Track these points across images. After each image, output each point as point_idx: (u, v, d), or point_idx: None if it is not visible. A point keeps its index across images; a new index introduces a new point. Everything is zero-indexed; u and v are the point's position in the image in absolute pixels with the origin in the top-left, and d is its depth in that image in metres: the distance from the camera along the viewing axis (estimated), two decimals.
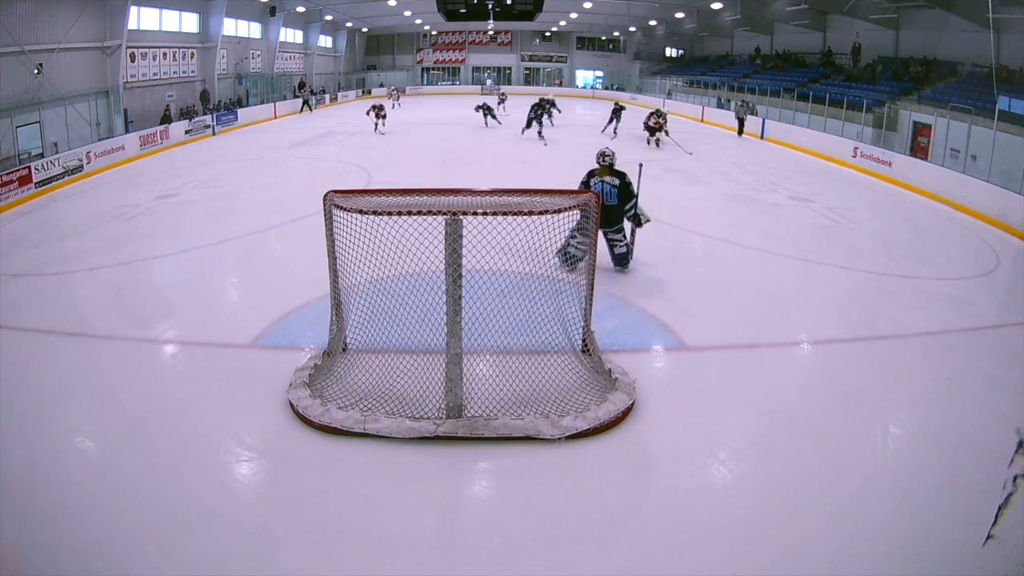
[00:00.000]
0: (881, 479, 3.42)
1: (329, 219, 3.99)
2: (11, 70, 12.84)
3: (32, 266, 6.86)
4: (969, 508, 2.92)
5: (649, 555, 2.88)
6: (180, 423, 3.83)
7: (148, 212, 9.22)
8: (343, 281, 4.11)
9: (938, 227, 9.17)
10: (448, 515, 3.26)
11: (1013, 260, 7.60)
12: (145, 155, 14.88)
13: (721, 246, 7.47)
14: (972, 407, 4.15)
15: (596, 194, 4.44)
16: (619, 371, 4.22)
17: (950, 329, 5.38)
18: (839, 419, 3.99)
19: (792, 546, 2.91)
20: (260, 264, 7.03)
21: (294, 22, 27.92)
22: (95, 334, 5.11)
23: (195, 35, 20.37)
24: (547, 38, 38.12)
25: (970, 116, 11.82)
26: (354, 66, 36.67)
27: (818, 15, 22.05)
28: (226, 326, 5.18)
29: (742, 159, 14.41)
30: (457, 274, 3.58)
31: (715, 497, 3.28)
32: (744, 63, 27.02)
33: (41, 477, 3.33)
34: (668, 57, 34.52)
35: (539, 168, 12.06)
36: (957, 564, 2.71)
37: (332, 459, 3.50)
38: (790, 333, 5.28)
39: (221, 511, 3.10)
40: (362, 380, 4.05)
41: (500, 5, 26.55)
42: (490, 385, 3.93)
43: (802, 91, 18.69)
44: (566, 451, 3.56)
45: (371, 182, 10.95)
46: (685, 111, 24.46)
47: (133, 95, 17.11)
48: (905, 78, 17.61)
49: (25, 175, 10.78)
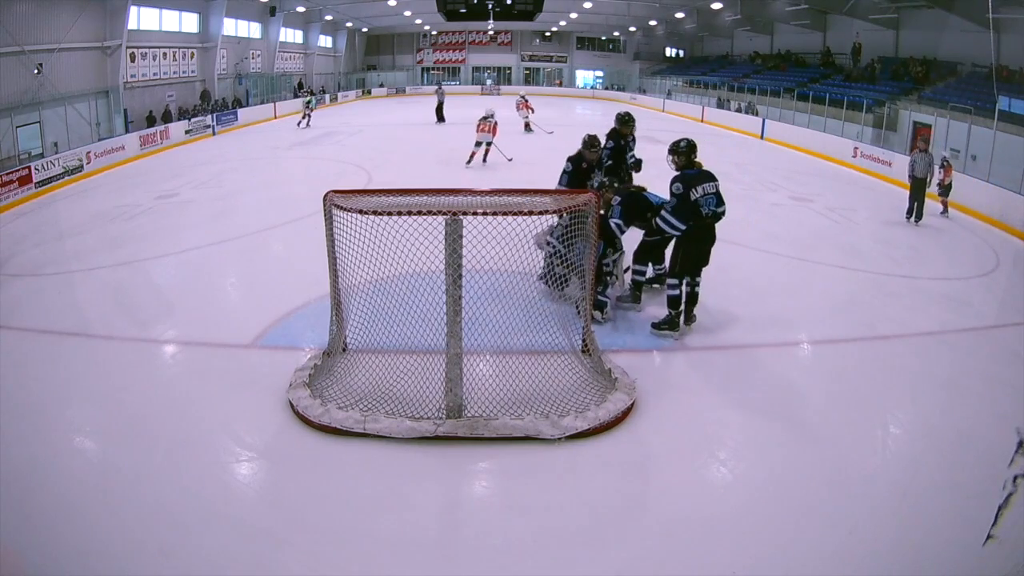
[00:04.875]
0: (881, 479, 3.42)
1: (329, 219, 3.99)
2: (11, 70, 12.85)
3: (32, 266, 6.86)
4: (969, 508, 2.92)
5: (649, 555, 2.87)
6: (180, 423, 3.83)
7: (148, 212, 9.22)
8: (343, 281, 4.11)
9: (938, 227, 9.17)
10: (448, 515, 3.26)
11: (1013, 260, 7.60)
12: (145, 155, 14.86)
13: (721, 246, 7.43)
14: (972, 407, 4.15)
15: (596, 194, 4.43)
16: (619, 371, 4.22)
17: (950, 329, 5.38)
18: (839, 419, 3.99)
19: (792, 546, 2.91)
20: (260, 264, 7.03)
21: (294, 22, 27.93)
22: (95, 334, 5.10)
23: (195, 35, 20.38)
24: (547, 38, 38.11)
25: (970, 116, 11.83)
26: (354, 66, 36.67)
27: (818, 15, 22.07)
28: (226, 326, 5.17)
29: (742, 159, 14.41)
30: (457, 274, 3.58)
31: (715, 497, 3.28)
32: (744, 63, 27.04)
33: (41, 477, 3.33)
34: (668, 57, 34.54)
35: (539, 168, 12.06)
36: (957, 564, 2.71)
37: (332, 459, 3.50)
38: (790, 333, 5.27)
39: (221, 511, 3.09)
40: (362, 380, 4.05)
41: (500, 5, 26.54)
42: (490, 385, 3.92)
43: (802, 91, 18.70)
44: (566, 451, 3.55)
45: (371, 182, 10.95)
46: (685, 111, 24.47)
47: (133, 95, 17.12)
48: (905, 78, 17.63)
49: (25, 175, 10.78)
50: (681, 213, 4.73)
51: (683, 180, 4.76)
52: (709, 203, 4.75)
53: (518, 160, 12.72)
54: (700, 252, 4.95)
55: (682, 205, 4.71)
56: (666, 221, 4.80)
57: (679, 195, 4.71)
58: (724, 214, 4.88)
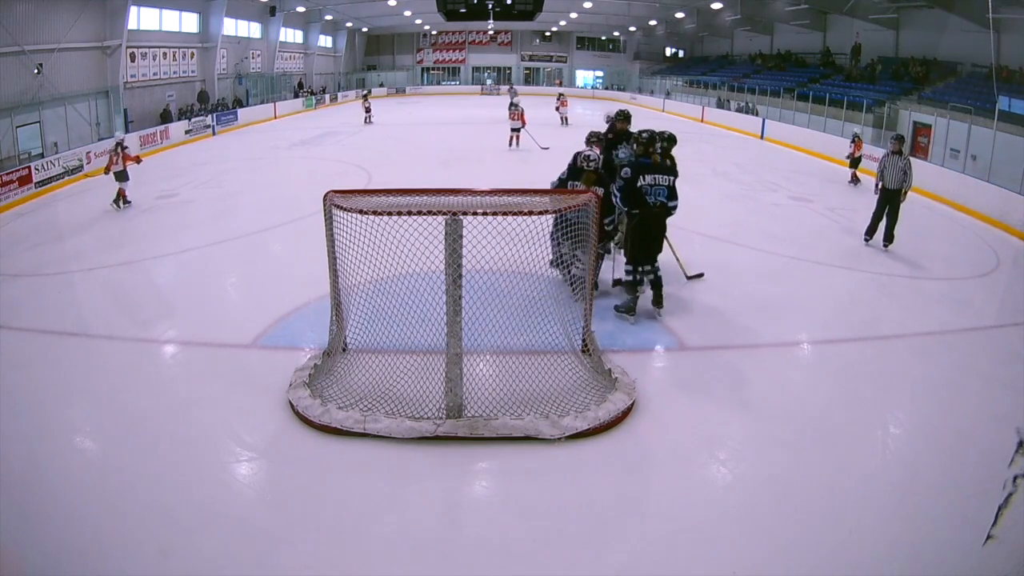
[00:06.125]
0: (881, 479, 3.42)
1: (329, 219, 3.99)
2: (11, 70, 12.84)
3: (32, 266, 6.86)
4: (969, 508, 2.92)
5: (649, 555, 2.87)
6: (180, 423, 3.83)
7: (148, 212, 9.23)
8: (343, 281, 4.11)
9: (938, 227, 9.17)
10: (448, 515, 3.26)
11: (1013, 260, 7.59)
12: (145, 155, 14.84)
13: (721, 246, 7.46)
14: (972, 407, 4.15)
15: (596, 194, 4.43)
16: (619, 371, 4.22)
17: (950, 329, 5.38)
18: (839, 419, 3.99)
19: (792, 546, 2.91)
20: (260, 264, 7.03)
21: (294, 22, 27.92)
22: (95, 334, 5.10)
23: (195, 35, 20.37)
24: (547, 38, 38.11)
25: (970, 116, 11.82)
26: (354, 66, 36.67)
27: (818, 15, 22.07)
28: (226, 326, 5.18)
29: (742, 159, 14.41)
30: (457, 274, 3.58)
31: (715, 497, 3.28)
32: (744, 63, 27.03)
33: (41, 477, 3.33)
34: (668, 57, 34.54)
35: (540, 168, 12.06)
36: (957, 564, 2.71)
37: (332, 459, 3.50)
38: (790, 333, 5.27)
39: (221, 511, 3.09)
40: (362, 380, 4.05)
41: (500, 5, 26.50)
42: (490, 385, 3.93)
43: (802, 91, 18.70)
44: (566, 451, 3.56)
45: (371, 182, 10.95)
46: (685, 111, 24.46)
47: (133, 95, 17.11)
48: (905, 78, 17.63)
49: (25, 175, 10.77)
50: (627, 196, 5.19)
51: (632, 166, 5.28)
52: (659, 193, 5.16)
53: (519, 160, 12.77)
54: (649, 239, 5.26)
55: (628, 188, 5.18)
56: (615, 196, 5.33)
57: (625, 179, 5.20)
58: (675, 209, 5.31)
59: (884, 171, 7.37)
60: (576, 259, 4.89)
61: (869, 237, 7.63)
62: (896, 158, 7.29)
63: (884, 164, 7.42)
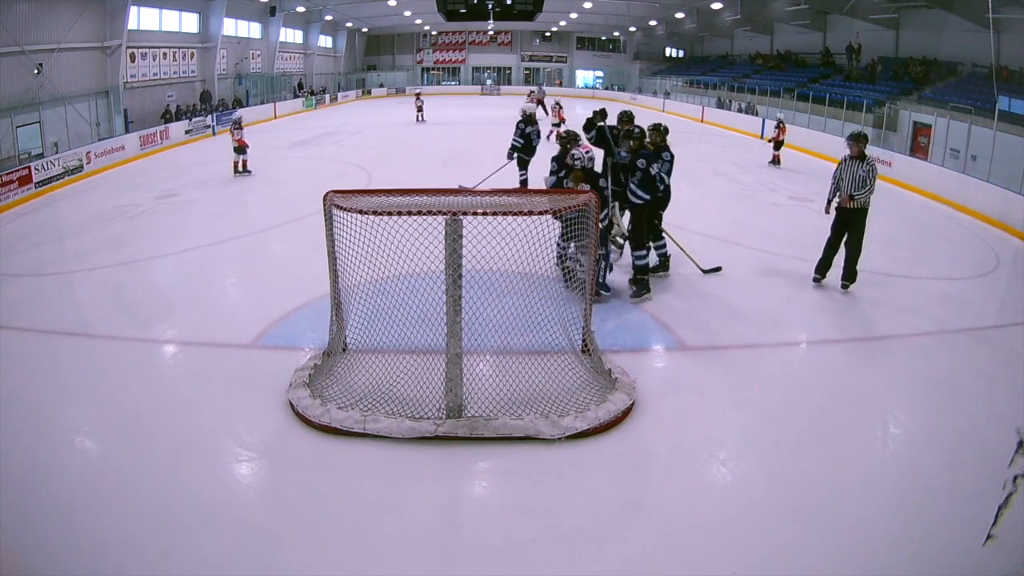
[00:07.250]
0: (881, 479, 3.42)
1: (329, 219, 3.99)
2: (11, 70, 12.85)
3: (32, 266, 6.86)
4: (969, 508, 2.93)
5: (649, 555, 2.87)
6: (180, 423, 3.83)
7: (148, 212, 9.23)
8: (343, 281, 4.11)
9: (938, 227, 9.17)
10: (448, 515, 3.26)
11: (1013, 260, 7.59)
12: (145, 155, 14.87)
13: (721, 246, 7.46)
14: (972, 407, 4.15)
15: (596, 194, 4.43)
16: (619, 371, 4.22)
17: (950, 329, 5.38)
18: (839, 419, 3.99)
19: (792, 546, 2.91)
20: (260, 264, 7.03)
21: (294, 22, 27.92)
22: (95, 334, 5.10)
23: (195, 35, 20.37)
24: (547, 38, 38.10)
25: (970, 116, 11.82)
26: (354, 66, 36.66)
27: (818, 15, 22.06)
28: (226, 326, 5.18)
29: (742, 159, 14.41)
30: (457, 274, 3.58)
31: (715, 497, 3.28)
32: (744, 63, 27.03)
33: (41, 477, 3.33)
34: (668, 57, 34.53)
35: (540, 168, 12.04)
36: (957, 564, 2.71)
37: (332, 459, 3.50)
38: (790, 333, 5.28)
39: (221, 511, 3.09)
40: (362, 380, 4.05)
41: (500, 5, 26.51)
42: (490, 385, 3.93)
43: (802, 91, 18.70)
44: (566, 451, 3.55)
45: (371, 182, 10.95)
46: (685, 111, 24.46)
47: (133, 95, 17.11)
48: (905, 78, 17.62)
49: (25, 175, 10.78)
50: (645, 184, 5.52)
51: (646, 157, 5.57)
52: (661, 179, 5.80)
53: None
54: (655, 218, 5.99)
55: (646, 177, 5.51)
56: (634, 193, 5.57)
57: (643, 169, 5.49)
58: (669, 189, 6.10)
59: (840, 182, 5.62)
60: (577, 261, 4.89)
61: (820, 276, 5.92)
62: (856, 164, 5.52)
63: (840, 172, 5.63)
